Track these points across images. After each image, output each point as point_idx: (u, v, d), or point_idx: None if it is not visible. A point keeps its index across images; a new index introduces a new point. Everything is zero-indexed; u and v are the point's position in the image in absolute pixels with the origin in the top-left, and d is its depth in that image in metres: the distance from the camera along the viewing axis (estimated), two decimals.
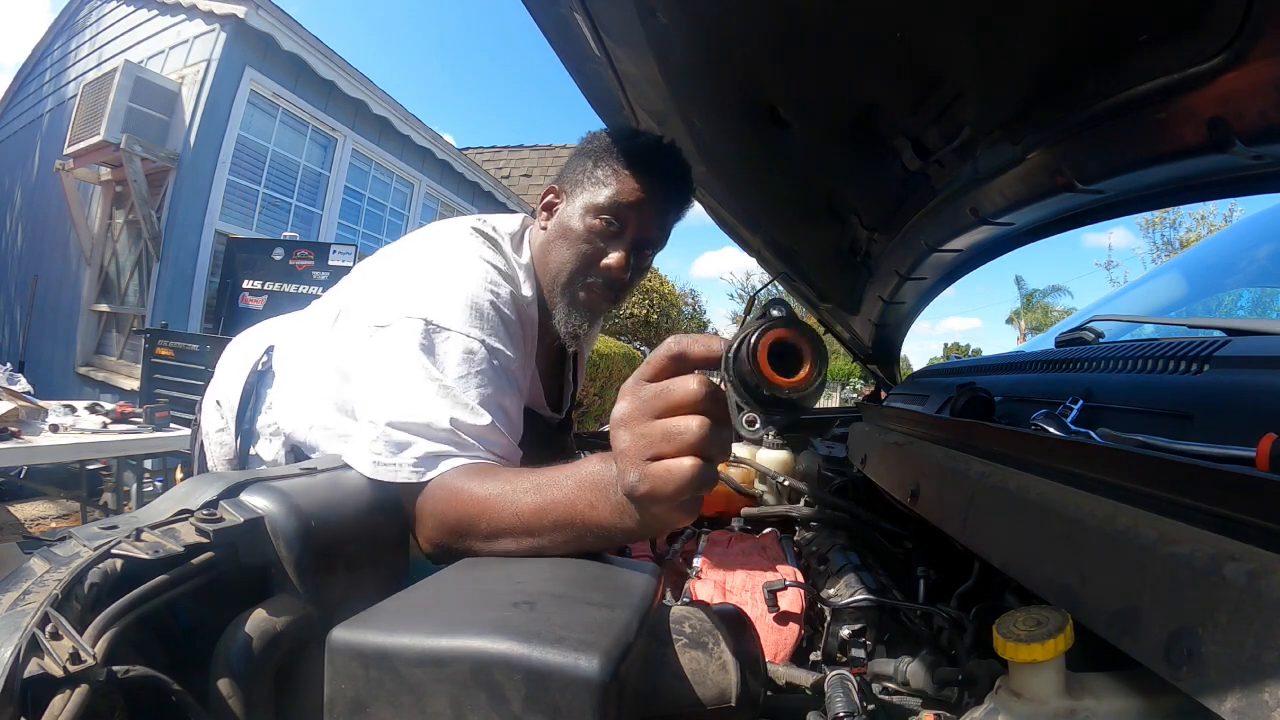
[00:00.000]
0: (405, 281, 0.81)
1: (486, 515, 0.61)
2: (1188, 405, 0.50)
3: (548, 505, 0.57)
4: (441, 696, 0.38)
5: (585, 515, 0.55)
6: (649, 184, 0.87)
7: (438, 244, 0.86)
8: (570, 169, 0.93)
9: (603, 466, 0.55)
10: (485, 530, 0.61)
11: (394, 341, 0.73)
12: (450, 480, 0.66)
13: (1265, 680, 0.27)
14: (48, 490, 3.49)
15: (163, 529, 0.51)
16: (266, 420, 0.96)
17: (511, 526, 0.59)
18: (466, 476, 0.66)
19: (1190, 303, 1.27)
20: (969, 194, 0.96)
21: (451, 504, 0.64)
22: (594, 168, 0.89)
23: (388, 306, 0.78)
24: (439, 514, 0.65)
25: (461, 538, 0.63)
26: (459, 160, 8.11)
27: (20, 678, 0.35)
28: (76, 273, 6.01)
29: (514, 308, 0.83)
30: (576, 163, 0.92)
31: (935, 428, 0.83)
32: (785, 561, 0.96)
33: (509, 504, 0.60)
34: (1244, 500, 0.33)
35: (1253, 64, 0.54)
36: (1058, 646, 0.40)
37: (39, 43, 7.44)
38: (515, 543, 0.60)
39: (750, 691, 0.46)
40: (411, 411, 0.69)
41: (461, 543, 0.63)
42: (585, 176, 0.90)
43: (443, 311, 0.75)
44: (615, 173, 0.88)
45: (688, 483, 0.45)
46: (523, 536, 0.59)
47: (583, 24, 0.78)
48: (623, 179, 0.87)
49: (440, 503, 0.65)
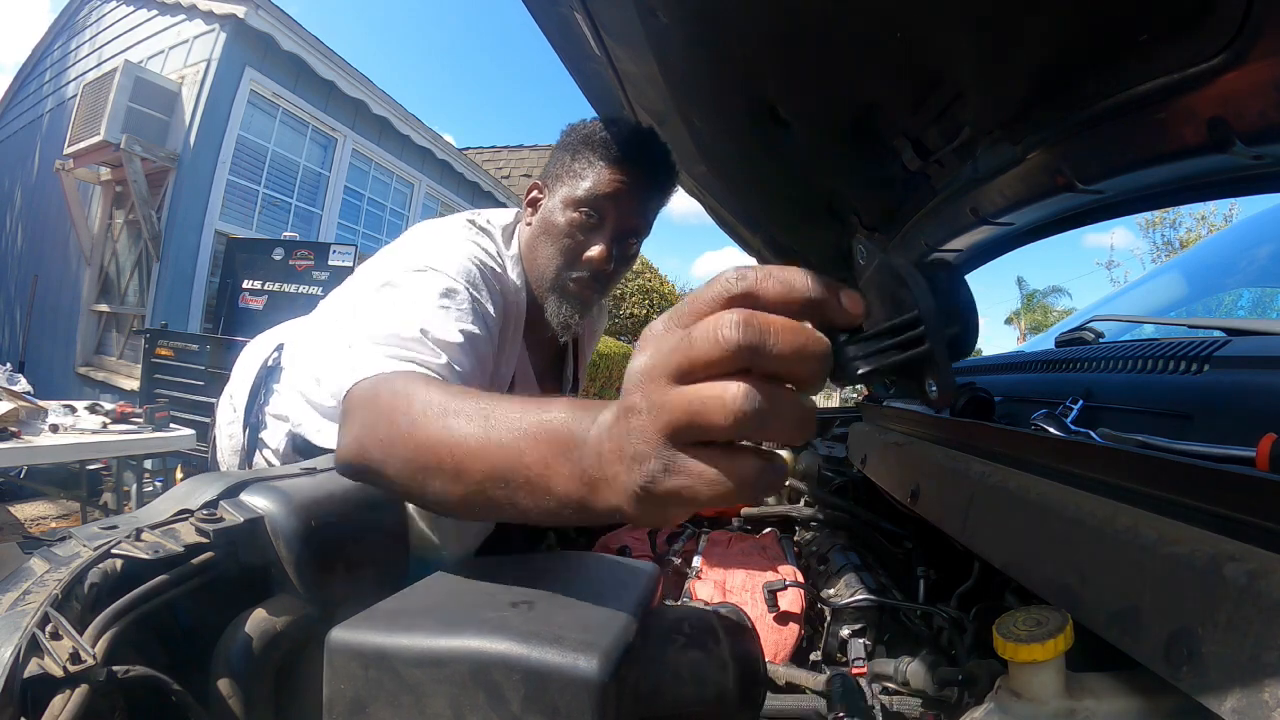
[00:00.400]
0: (396, 257, 0.84)
1: (415, 430, 0.49)
2: (1188, 405, 0.50)
3: (488, 445, 0.43)
4: (441, 696, 0.38)
5: (533, 474, 0.41)
6: (626, 173, 0.87)
7: (431, 230, 0.89)
8: (551, 163, 0.93)
9: (569, 417, 0.40)
10: (408, 450, 0.49)
11: (379, 290, 0.76)
12: (393, 380, 0.57)
13: (1265, 680, 0.27)
14: (48, 490, 3.49)
15: (163, 529, 0.51)
16: (272, 408, 0.99)
17: (439, 456, 0.47)
18: (412, 381, 0.57)
19: (1190, 303, 1.27)
20: (969, 194, 0.96)
21: (385, 403, 0.54)
22: (571, 160, 0.89)
23: (375, 278, 0.81)
24: (369, 414, 0.55)
25: (385, 447, 0.52)
26: (459, 160, 8.11)
27: (20, 678, 0.35)
28: (76, 273, 6.01)
29: (500, 284, 0.85)
30: (557, 156, 0.92)
31: (935, 428, 0.83)
32: (785, 561, 0.96)
33: (444, 426, 0.47)
34: (1244, 500, 0.33)
35: (1253, 64, 0.54)
36: (1058, 646, 0.40)
37: (39, 43, 7.44)
38: (440, 483, 0.47)
39: (750, 691, 0.46)
40: (382, 327, 0.67)
41: (381, 454, 0.52)
42: (564, 170, 0.90)
43: (430, 259, 0.78)
44: (591, 164, 0.88)
45: (745, 485, 0.30)
46: (449, 479, 0.46)
47: (583, 23, 0.78)
48: (599, 170, 0.87)
49: (373, 399, 0.56)
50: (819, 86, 0.81)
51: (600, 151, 0.88)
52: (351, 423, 0.56)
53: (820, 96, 0.83)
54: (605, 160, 0.87)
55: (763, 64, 0.78)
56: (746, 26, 0.72)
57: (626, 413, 0.32)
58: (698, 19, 0.73)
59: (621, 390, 0.33)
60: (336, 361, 0.70)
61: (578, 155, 0.89)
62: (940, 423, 0.82)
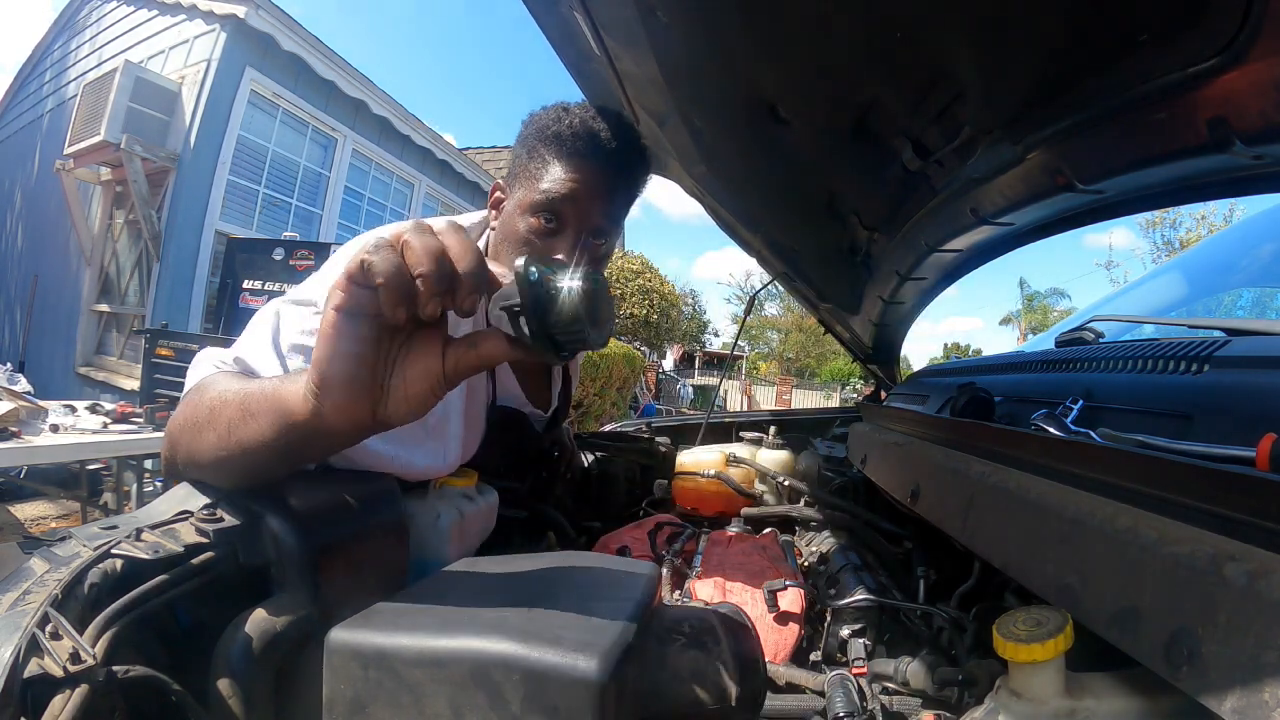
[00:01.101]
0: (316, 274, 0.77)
1: (201, 399, 0.54)
2: (1188, 405, 0.50)
3: (242, 392, 0.51)
4: (440, 697, 0.38)
5: (270, 403, 0.48)
6: (584, 170, 0.78)
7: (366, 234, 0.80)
8: (512, 160, 0.84)
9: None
10: (194, 417, 0.54)
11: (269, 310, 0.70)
12: (204, 382, 0.59)
13: (1265, 680, 0.27)
14: (48, 490, 3.49)
15: (163, 529, 0.51)
16: None
17: (211, 413, 0.52)
18: (218, 377, 0.59)
19: (1190, 303, 1.27)
20: (969, 194, 0.96)
21: (193, 402, 0.57)
22: (528, 159, 0.81)
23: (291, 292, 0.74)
24: (180, 410, 0.58)
25: (190, 436, 0.55)
26: (459, 160, 8.12)
27: (20, 678, 0.35)
28: (76, 273, 6.02)
29: None
30: (515, 152, 0.83)
31: (935, 428, 0.83)
32: (785, 561, 0.96)
33: (217, 392, 0.53)
34: (1244, 500, 0.33)
35: (1253, 64, 0.54)
36: (1058, 646, 0.40)
37: (39, 43, 7.45)
38: (208, 434, 0.52)
39: (750, 692, 0.46)
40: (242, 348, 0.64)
41: (188, 446, 0.55)
42: (521, 169, 0.81)
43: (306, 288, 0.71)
44: (546, 163, 0.78)
45: None
46: (210, 429, 0.52)
47: (583, 23, 0.77)
48: (554, 169, 0.78)
49: (184, 402, 0.58)
50: (819, 86, 0.81)
51: (554, 147, 0.78)
52: (171, 419, 0.59)
53: (820, 96, 0.83)
54: (559, 157, 0.78)
55: (763, 64, 0.78)
56: (747, 26, 0.72)
57: None
58: (698, 19, 0.73)
59: None
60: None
61: (534, 153, 0.80)
62: (940, 423, 0.82)
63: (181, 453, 0.57)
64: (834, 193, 1.08)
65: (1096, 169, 0.81)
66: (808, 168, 1.01)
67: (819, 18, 0.68)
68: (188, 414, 0.56)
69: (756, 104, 0.85)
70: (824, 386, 22.34)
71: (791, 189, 1.11)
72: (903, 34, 0.67)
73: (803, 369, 27.18)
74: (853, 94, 0.81)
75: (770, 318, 28.90)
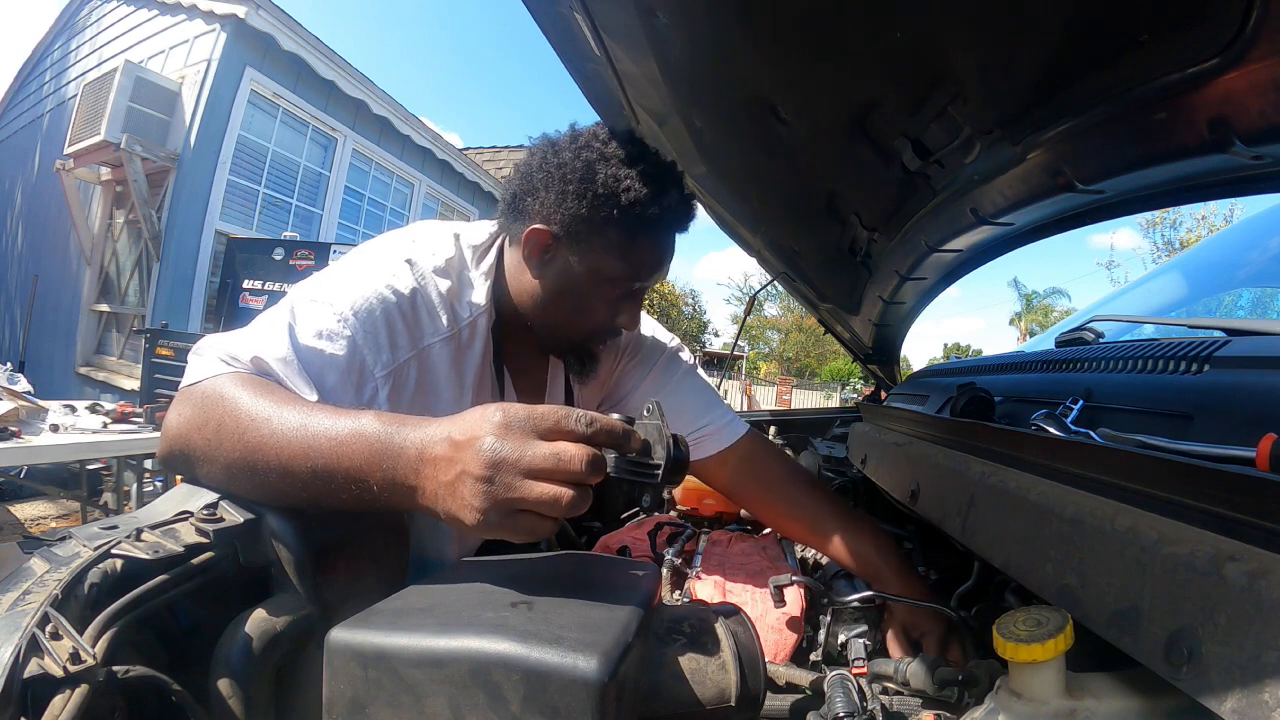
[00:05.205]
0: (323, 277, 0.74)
1: (244, 434, 0.55)
2: (1188, 405, 0.50)
3: (311, 450, 0.52)
4: (440, 697, 0.38)
5: (351, 475, 0.51)
6: (669, 245, 0.79)
7: (364, 256, 0.76)
8: (565, 209, 0.73)
9: (382, 429, 0.51)
10: (236, 452, 0.55)
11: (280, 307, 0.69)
12: (223, 381, 0.59)
13: (1265, 680, 0.27)
14: (48, 490, 3.49)
15: (163, 529, 0.51)
16: None
17: (266, 458, 0.53)
18: (243, 383, 0.59)
19: (1190, 303, 1.27)
20: (969, 194, 0.96)
21: (214, 403, 0.57)
22: (605, 226, 0.73)
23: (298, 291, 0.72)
24: (198, 410, 0.58)
25: (212, 445, 0.56)
26: (459, 160, 8.12)
27: (20, 678, 0.35)
28: (76, 273, 6.02)
29: (418, 308, 0.73)
30: (573, 206, 0.73)
31: (935, 428, 0.83)
32: (785, 561, 0.96)
33: (271, 432, 0.54)
34: (1244, 500, 0.33)
35: (1253, 64, 0.54)
36: (1058, 646, 0.40)
37: (39, 43, 7.45)
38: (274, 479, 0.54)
39: (750, 691, 0.46)
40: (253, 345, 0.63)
41: (206, 449, 0.56)
42: (591, 232, 0.74)
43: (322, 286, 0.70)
44: (634, 241, 0.74)
45: (530, 531, 0.47)
46: (279, 476, 0.53)
47: (583, 23, 0.77)
48: (643, 249, 0.75)
49: (203, 396, 0.58)
50: (819, 86, 0.81)
51: (641, 230, 0.74)
52: (179, 414, 0.59)
53: (820, 96, 0.83)
54: (650, 239, 0.76)
55: (763, 63, 0.78)
56: (746, 26, 0.72)
57: (478, 480, 0.46)
58: (698, 19, 0.73)
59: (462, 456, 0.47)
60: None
61: (611, 224, 0.73)
62: (940, 423, 0.82)
63: (197, 464, 0.58)
64: (834, 193, 1.08)
65: (1096, 169, 0.81)
66: (808, 168, 1.01)
67: (819, 18, 0.68)
68: (201, 416, 0.57)
69: (756, 104, 0.85)
70: (824, 386, 22.32)
71: (791, 189, 1.11)
72: (902, 34, 0.67)
73: (803, 369, 27.16)
74: (853, 94, 0.81)
75: (770, 318, 28.89)
